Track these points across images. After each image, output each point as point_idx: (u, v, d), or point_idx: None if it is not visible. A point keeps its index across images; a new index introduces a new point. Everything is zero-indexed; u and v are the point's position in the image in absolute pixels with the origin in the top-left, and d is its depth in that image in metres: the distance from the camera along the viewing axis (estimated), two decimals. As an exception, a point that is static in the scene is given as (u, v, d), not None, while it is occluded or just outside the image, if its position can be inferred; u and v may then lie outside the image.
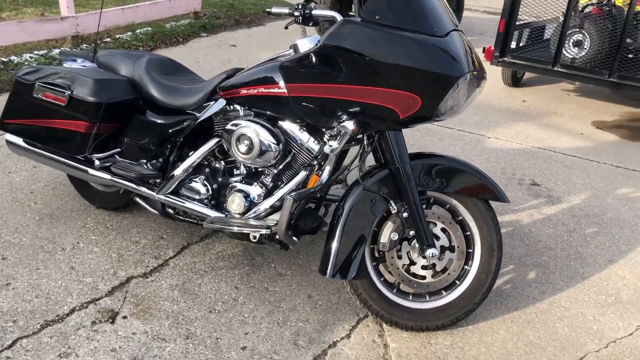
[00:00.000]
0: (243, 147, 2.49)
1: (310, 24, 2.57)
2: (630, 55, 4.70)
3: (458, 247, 2.41)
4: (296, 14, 2.53)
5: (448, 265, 2.41)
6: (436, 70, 2.05)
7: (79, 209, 3.24)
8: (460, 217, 2.44)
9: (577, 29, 4.81)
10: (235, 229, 2.55)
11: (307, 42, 2.49)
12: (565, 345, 2.45)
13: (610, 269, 3.02)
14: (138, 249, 2.91)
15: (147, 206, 2.91)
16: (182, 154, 2.81)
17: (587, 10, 4.97)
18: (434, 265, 2.41)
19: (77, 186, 3.28)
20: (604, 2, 4.88)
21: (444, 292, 2.45)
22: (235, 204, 2.57)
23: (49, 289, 2.57)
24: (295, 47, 2.50)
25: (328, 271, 2.33)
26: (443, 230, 2.41)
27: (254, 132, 2.46)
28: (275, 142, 2.45)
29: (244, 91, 2.50)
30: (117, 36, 6.77)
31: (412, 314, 2.42)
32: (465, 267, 2.44)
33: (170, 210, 2.82)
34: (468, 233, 2.44)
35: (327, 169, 2.41)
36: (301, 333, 2.42)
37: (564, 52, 4.86)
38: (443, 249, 2.40)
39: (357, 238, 2.34)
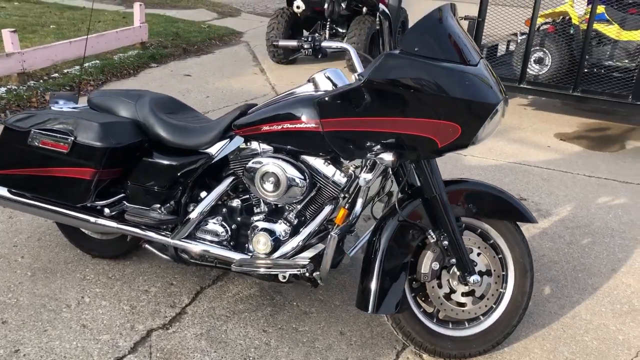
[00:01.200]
0: (269, 185, 2.41)
1: (319, 56, 2.55)
2: (586, 70, 4.96)
3: (494, 270, 2.42)
4: (306, 46, 2.50)
5: (486, 290, 2.41)
6: (476, 98, 2.06)
7: (73, 260, 3.03)
8: (491, 241, 2.45)
9: (538, 47, 5.03)
10: (264, 270, 2.46)
11: (324, 76, 2.45)
12: (600, 359, 2.50)
13: (616, 277, 3.13)
14: (150, 299, 2.74)
15: (157, 252, 2.75)
16: (193, 195, 2.69)
17: (542, 28, 5.22)
18: (472, 291, 2.40)
19: (69, 236, 3.07)
20: (559, 21, 5.13)
21: (481, 317, 2.45)
22: (261, 244, 2.48)
23: (65, 352, 2.37)
24: (314, 82, 2.46)
25: (370, 307, 2.28)
26: (478, 254, 2.41)
27: (280, 168, 2.39)
28: (302, 177, 2.39)
29: (265, 128, 2.43)
30: (66, 71, 6.45)
31: (455, 342, 2.40)
32: (500, 290, 2.45)
33: (184, 255, 2.69)
34: (500, 256, 2.45)
35: (360, 202, 2.37)
36: (345, 373, 2.35)
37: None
38: (481, 274, 2.40)
39: (397, 271, 2.30)
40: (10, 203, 2.85)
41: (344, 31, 7.65)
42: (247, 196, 2.65)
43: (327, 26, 7.53)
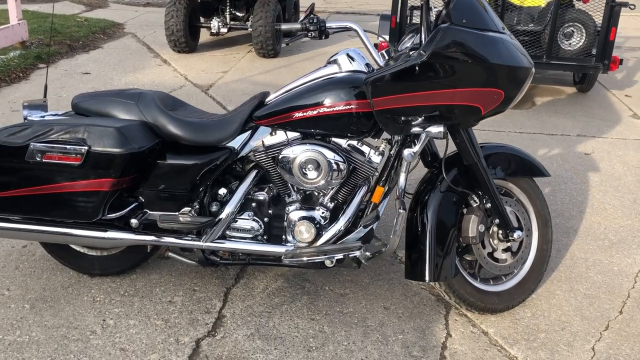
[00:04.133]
0: (312, 173, 2.37)
1: (322, 37, 2.53)
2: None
3: (525, 225, 2.59)
4: (312, 28, 2.48)
5: (520, 244, 2.58)
6: (517, 63, 2.18)
7: (71, 283, 2.74)
8: (514, 198, 2.62)
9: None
10: (315, 258, 2.42)
11: (347, 56, 2.45)
12: (610, 289, 2.80)
13: (586, 218, 3.49)
14: (180, 309, 2.58)
15: (183, 259, 2.60)
16: (214, 194, 2.57)
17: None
18: (509, 247, 2.56)
19: (61, 258, 2.76)
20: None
21: (515, 270, 2.62)
22: (304, 232, 2.44)
23: (119, 380, 2.18)
24: (337, 63, 2.45)
25: (427, 276, 2.36)
26: (510, 212, 2.56)
27: (320, 154, 2.36)
28: (342, 160, 2.38)
29: (298, 114, 2.37)
30: (-54, 80, 5.68)
31: (500, 297, 2.55)
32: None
33: (213, 257, 2.56)
34: (523, 211, 2.64)
35: (403, 176, 2.39)
36: (409, 344, 2.41)
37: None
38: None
39: (448, 237, 2.39)
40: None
41: (242, 14, 7.50)
42: (267, 187, 2.57)
43: (227, 10, 7.33)
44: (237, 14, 7.48)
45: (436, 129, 2.24)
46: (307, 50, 7.81)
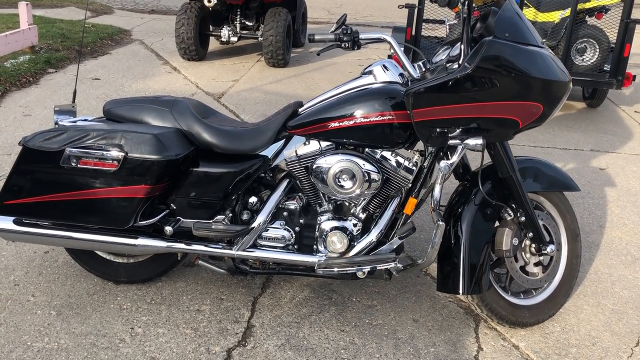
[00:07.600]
0: (347, 182, 2.36)
1: (355, 48, 2.54)
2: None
3: (555, 239, 2.59)
4: (345, 39, 2.49)
5: (552, 258, 2.58)
6: (557, 78, 2.19)
7: (96, 291, 2.72)
8: (545, 212, 2.62)
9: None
10: (349, 269, 2.42)
11: (382, 67, 2.45)
12: (637, 305, 2.80)
13: (607, 233, 3.50)
14: (208, 318, 2.56)
15: (212, 267, 2.58)
16: (244, 202, 2.56)
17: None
18: (540, 261, 2.56)
19: (87, 265, 2.73)
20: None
21: (545, 284, 2.61)
22: (337, 243, 2.43)
23: (152, 390, 2.15)
24: (372, 74, 2.45)
25: (461, 289, 2.35)
26: (542, 226, 2.56)
27: (355, 164, 2.36)
28: (377, 171, 2.38)
29: (333, 125, 2.37)
30: (-44, 83, 5.65)
31: (531, 311, 2.54)
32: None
33: (243, 266, 2.55)
34: (553, 224, 2.63)
35: (438, 188, 2.38)
36: (441, 357, 2.39)
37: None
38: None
39: (482, 250, 2.39)
40: (17, 235, 2.51)
41: (252, 24, 7.52)
42: (296, 196, 2.56)
43: (238, 20, 7.35)
44: (247, 23, 7.50)
45: (474, 141, 2.24)
46: (316, 60, 7.84)
